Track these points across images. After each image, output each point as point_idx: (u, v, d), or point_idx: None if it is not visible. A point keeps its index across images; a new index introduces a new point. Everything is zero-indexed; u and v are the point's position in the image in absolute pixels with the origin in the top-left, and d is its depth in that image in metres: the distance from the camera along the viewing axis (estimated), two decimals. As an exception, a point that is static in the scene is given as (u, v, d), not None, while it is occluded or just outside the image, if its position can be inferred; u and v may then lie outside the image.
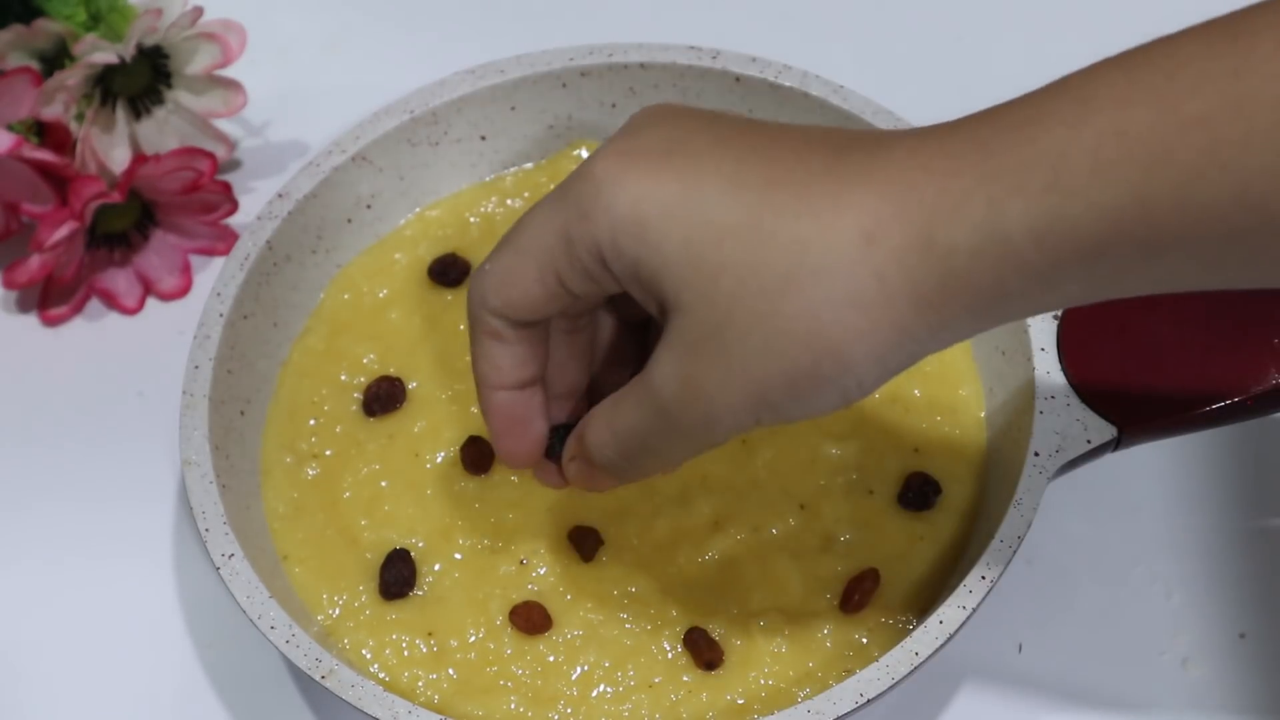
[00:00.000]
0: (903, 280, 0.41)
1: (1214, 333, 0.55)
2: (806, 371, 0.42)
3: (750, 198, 0.42)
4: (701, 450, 0.46)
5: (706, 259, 0.42)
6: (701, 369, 0.43)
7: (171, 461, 0.63)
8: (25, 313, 0.68)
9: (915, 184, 0.41)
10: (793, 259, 0.41)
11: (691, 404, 0.44)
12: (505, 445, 0.50)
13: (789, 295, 0.41)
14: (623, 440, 0.47)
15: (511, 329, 0.48)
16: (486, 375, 0.49)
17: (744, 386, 0.43)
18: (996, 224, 0.40)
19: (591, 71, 0.64)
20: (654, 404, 0.45)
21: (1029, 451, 0.54)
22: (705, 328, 0.43)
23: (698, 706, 0.53)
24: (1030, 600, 0.59)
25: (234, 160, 0.71)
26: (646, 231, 0.43)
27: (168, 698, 0.59)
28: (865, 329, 0.41)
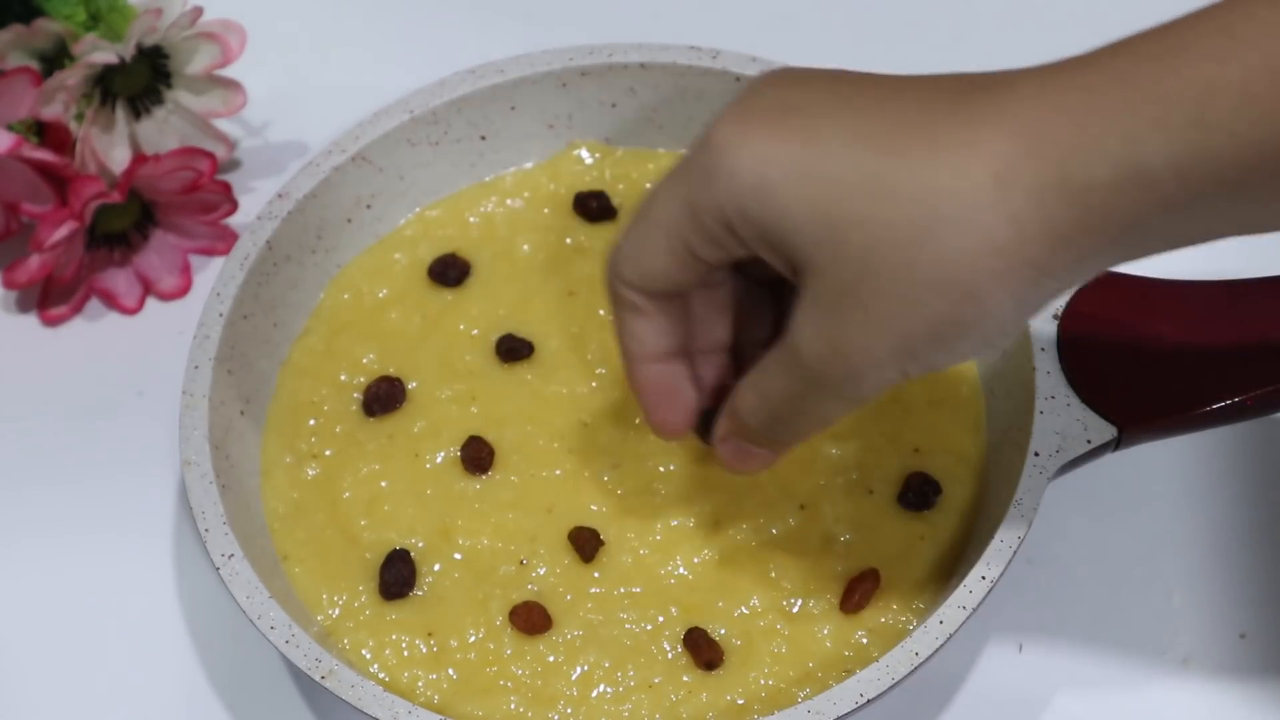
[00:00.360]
0: (1038, 220, 0.40)
1: (1214, 333, 0.55)
2: (948, 319, 0.42)
3: (874, 150, 0.42)
4: (852, 407, 0.46)
5: (835, 216, 0.42)
6: (843, 327, 0.43)
7: (171, 461, 0.63)
8: (25, 313, 0.68)
9: (1047, 121, 0.40)
10: (924, 209, 0.41)
11: (837, 362, 0.44)
12: (658, 417, 0.51)
13: (923, 246, 0.41)
14: (774, 405, 0.47)
15: (649, 301, 0.48)
16: (631, 349, 0.49)
17: (887, 340, 0.43)
18: (1136, 158, 0.39)
19: (591, 71, 0.64)
20: (800, 366, 0.45)
21: (1029, 451, 0.54)
22: (841, 286, 0.42)
23: (698, 706, 0.53)
24: (1030, 600, 0.59)
25: (234, 160, 0.71)
26: (771, 194, 0.43)
27: (168, 698, 0.59)
28: (1002, 271, 0.41)
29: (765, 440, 0.49)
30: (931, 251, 0.41)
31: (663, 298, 0.48)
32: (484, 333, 0.61)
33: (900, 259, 0.41)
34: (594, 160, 0.65)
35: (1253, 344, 0.55)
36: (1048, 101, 0.40)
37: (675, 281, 0.47)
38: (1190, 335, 0.55)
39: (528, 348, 0.61)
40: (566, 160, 0.65)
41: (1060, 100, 0.40)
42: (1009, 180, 0.40)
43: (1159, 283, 0.57)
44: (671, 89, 0.64)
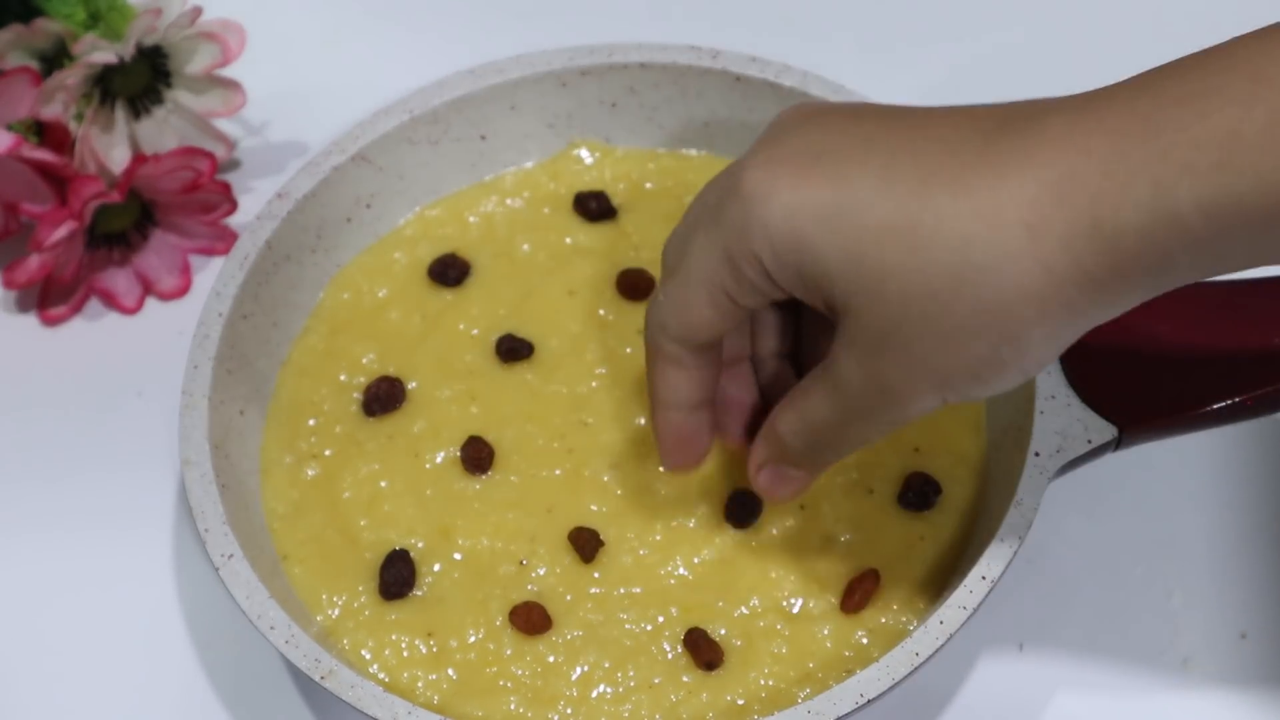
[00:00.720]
0: (1070, 266, 0.41)
1: (1214, 333, 0.55)
2: (986, 360, 0.43)
3: (904, 196, 0.43)
4: (890, 430, 0.48)
5: (869, 264, 0.43)
6: (884, 365, 0.45)
7: (171, 461, 0.63)
8: (25, 313, 0.68)
9: (1076, 168, 0.41)
10: (957, 257, 0.42)
11: (879, 396, 0.46)
12: (674, 460, 0.53)
13: (959, 294, 0.42)
14: (816, 430, 0.49)
15: (690, 354, 0.50)
16: (664, 397, 0.52)
17: (927, 377, 0.44)
18: (1164, 202, 0.40)
19: (591, 71, 0.64)
20: (842, 398, 0.47)
21: (1029, 451, 0.54)
22: (880, 328, 0.44)
23: (698, 707, 0.53)
24: (1031, 600, 0.59)
25: (234, 160, 0.71)
26: (805, 243, 0.44)
27: (168, 698, 0.59)
28: (1037, 316, 0.42)
29: (805, 462, 0.50)
30: (967, 300, 0.42)
31: (702, 349, 0.50)
32: (484, 333, 0.61)
33: (937, 307, 0.43)
34: (594, 160, 0.65)
35: (1253, 344, 0.55)
36: (1075, 145, 0.41)
37: (718, 331, 0.49)
38: (1190, 335, 0.55)
39: (528, 348, 0.61)
40: (566, 160, 0.65)
41: (1087, 144, 0.41)
42: (1040, 230, 0.41)
43: (1159, 283, 0.56)
44: (671, 89, 0.64)
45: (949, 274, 0.42)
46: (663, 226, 0.63)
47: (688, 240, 0.48)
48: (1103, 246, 0.41)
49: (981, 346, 0.43)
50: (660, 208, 0.64)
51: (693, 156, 0.65)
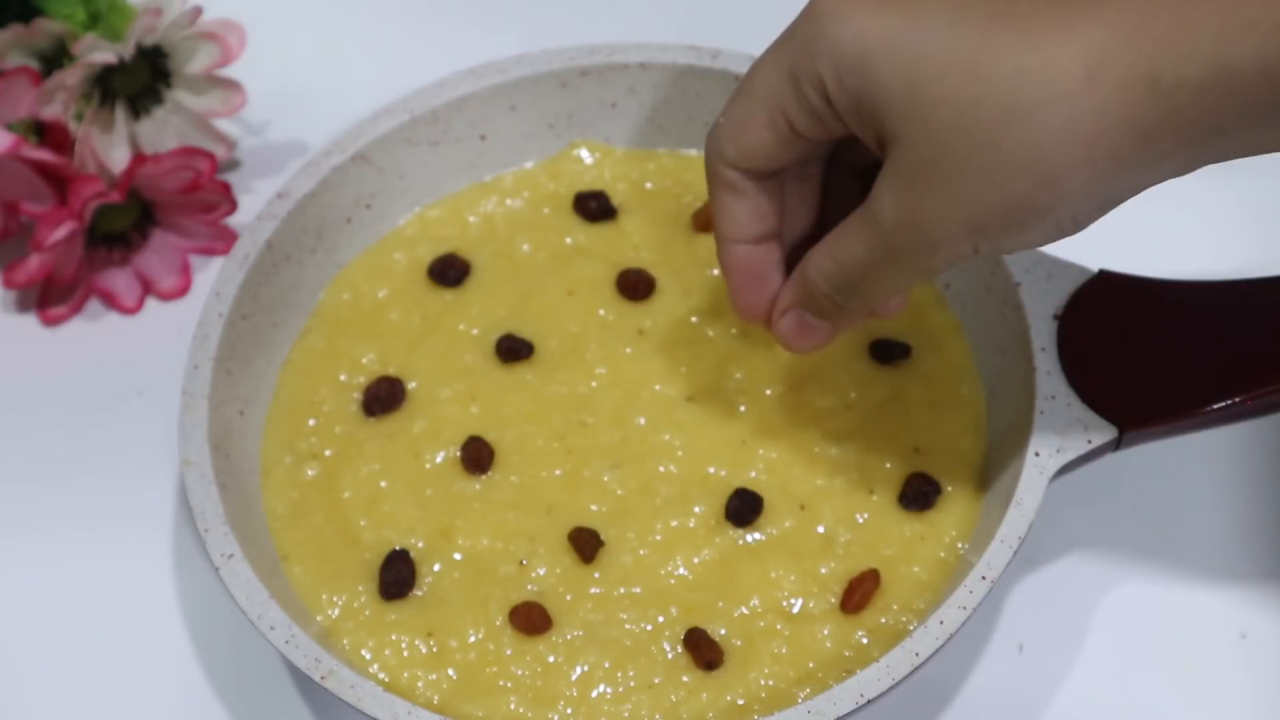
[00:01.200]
0: (1123, 114, 0.41)
1: (1214, 333, 0.55)
2: (1023, 201, 0.43)
3: (971, 31, 0.43)
4: (920, 279, 0.48)
5: (926, 91, 0.44)
6: (921, 198, 0.45)
7: (171, 461, 0.63)
8: (25, 313, 0.68)
9: (1143, 17, 0.41)
10: (1013, 91, 0.42)
11: (912, 232, 0.46)
12: (742, 300, 0.53)
13: (1008, 127, 0.42)
14: (845, 269, 0.49)
15: (748, 181, 0.50)
16: (726, 230, 0.51)
17: (962, 215, 0.44)
18: (1224, 59, 0.40)
19: (591, 71, 0.64)
20: (876, 233, 0.47)
21: (1029, 451, 0.54)
22: (924, 158, 0.44)
23: (698, 707, 0.53)
24: (1030, 600, 0.59)
25: (234, 160, 0.71)
26: (868, 65, 0.44)
27: (168, 698, 0.59)
28: (1083, 160, 0.42)
29: (831, 308, 0.50)
30: (1016, 133, 0.42)
31: (760, 178, 0.50)
32: (484, 333, 0.61)
33: (983, 138, 0.43)
34: (594, 160, 0.65)
35: (1253, 344, 0.55)
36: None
37: (774, 158, 0.49)
38: (1190, 335, 0.55)
39: (528, 348, 0.61)
40: (566, 160, 0.65)
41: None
42: (1099, 73, 0.41)
43: (1159, 283, 0.57)
44: (671, 89, 0.64)
45: (1001, 107, 0.42)
46: (663, 226, 0.63)
47: (757, 63, 0.49)
48: (1159, 97, 0.41)
49: (1021, 186, 0.43)
50: (660, 208, 0.64)
51: (693, 156, 0.65)
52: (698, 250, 0.63)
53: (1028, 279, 0.57)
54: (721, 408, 0.59)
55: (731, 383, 0.59)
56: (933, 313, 0.61)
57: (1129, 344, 0.55)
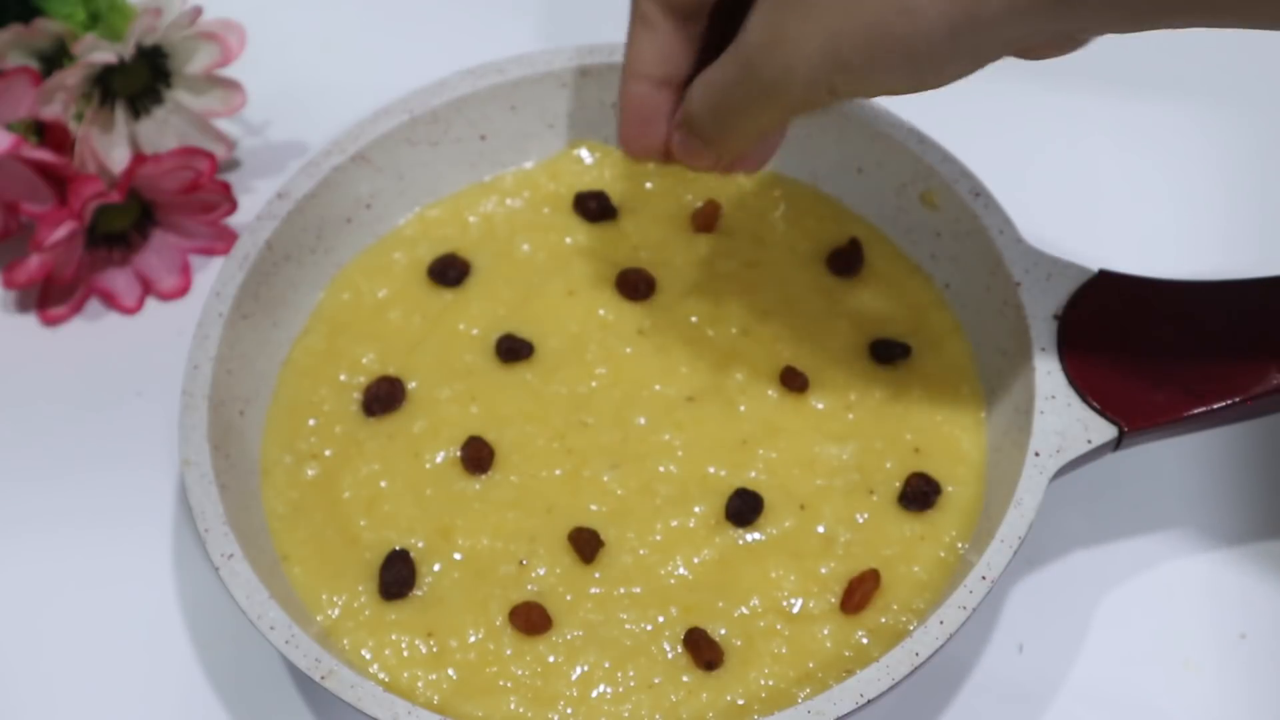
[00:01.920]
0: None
1: (1214, 333, 0.55)
2: (879, 25, 0.44)
3: None
4: (783, 114, 0.49)
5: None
6: (784, 17, 0.46)
7: (171, 461, 0.63)
8: (25, 313, 0.68)
9: None
10: None
11: (773, 51, 0.46)
12: (628, 133, 0.53)
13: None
14: (715, 93, 0.50)
15: (663, 17, 0.51)
16: (630, 63, 0.52)
17: (821, 38, 0.45)
18: None
19: (591, 71, 0.64)
20: (741, 54, 0.48)
21: (1029, 451, 0.54)
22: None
23: (698, 706, 0.53)
24: (1030, 600, 0.59)
25: (234, 160, 0.71)
26: None
27: (168, 698, 0.59)
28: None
29: (705, 133, 0.51)
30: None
31: (676, 15, 0.51)
32: (484, 333, 0.61)
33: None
34: (594, 160, 0.65)
35: (1253, 344, 0.55)
36: None
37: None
38: (1190, 335, 0.55)
39: (528, 348, 0.61)
40: (566, 160, 0.65)
41: None
42: None
43: (1159, 283, 0.57)
44: (671, 89, 0.64)
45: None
46: (663, 226, 0.63)
47: None
48: None
49: (877, 9, 0.43)
50: (660, 208, 0.64)
51: (693, 156, 0.65)
52: (698, 250, 0.63)
53: (1028, 279, 0.57)
54: (721, 408, 0.59)
55: (731, 383, 0.59)
56: (933, 313, 0.61)
57: (1129, 344, 0.55)
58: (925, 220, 0.61)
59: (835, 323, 0.61)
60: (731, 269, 0.62)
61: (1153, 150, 0.70)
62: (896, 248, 0.62)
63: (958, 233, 0.60)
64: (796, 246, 0.62)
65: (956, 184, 0.60)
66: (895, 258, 0.62)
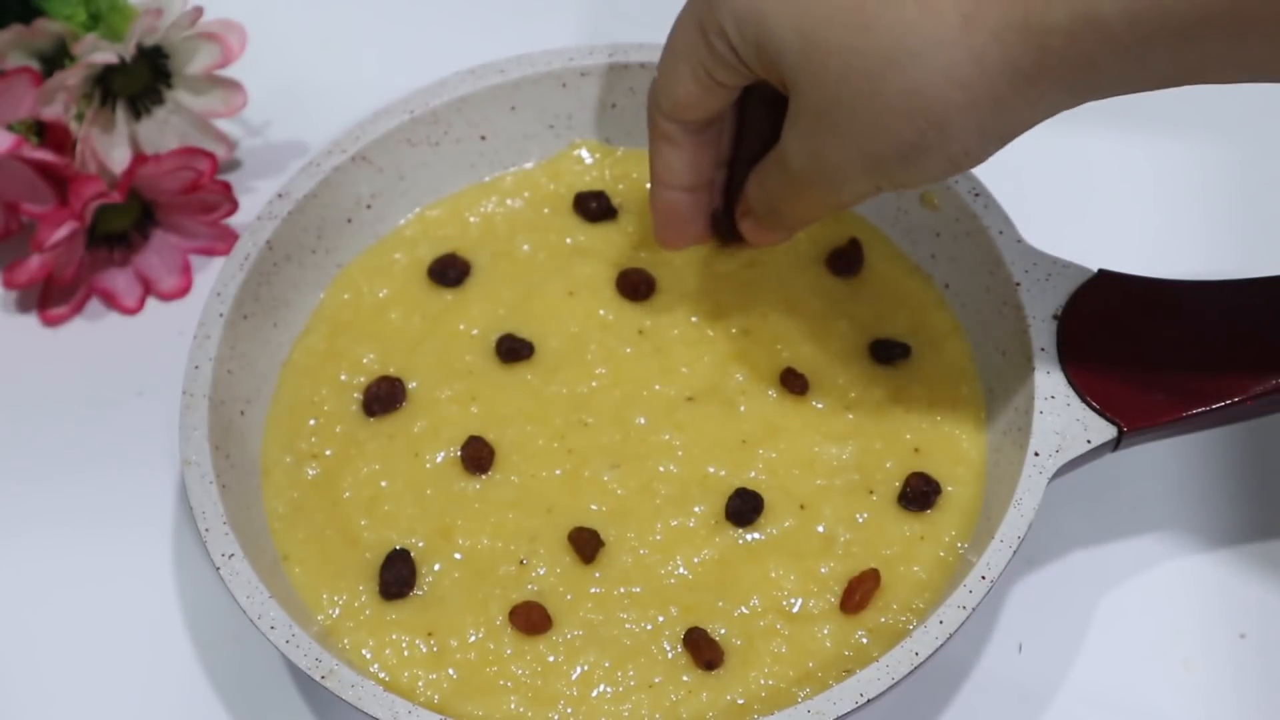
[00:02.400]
0: (999, 58, 0.43)
1: (1214, 333, 0.55)
2: (913, 143, 0.46)
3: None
4: (838, 206, 0.52)
5: (817, 41, 0.46)
6: (821, 142, 0.48)
7: (171, 461, 0.63)
8: (25, 313, 0.68)
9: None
10: (894, 41, 0.44)
11: (817, 171, 0.49)
12: (664, 236, 0.57)
13: (890, 76, 0.44)
14: (771, 197, 0.53)
15: (683, 133, 0.53)
16: (659, 175, 0.55)
17: (859, 158, 0.47)
18: (1092, 6, 0.42)
19: (591, 71, 0.64)
20: (788, 171, 0.51)
21: (1029, 451, 0.54)
22: (820, 106, 0.47)
23: (698, 706, 0.53)
24: (1030, 600, 0.59)
25: (234, 160, 0.71)
26: (763, 16, 0.47)
27: (168, 698, 0.59)
28: (964, 103, 0.44)
29: (771, 222, 0.55)
30: (898, 81, 0.44)
31: (695, 129, 0.53)
32: (484, 333, 0.61)
33: (869, 87, 0.45)
34: (594, 160, 0.65)
35: (1253, 344, 0.55)
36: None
37: (705, 108, 0.52)
38: (1190, 335, 0.55)
39: (528, 348, 0.61)
40: (566, 160, 0.65)
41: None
42: (975, 19, 0.43)
43: (1159, 283, 0.57)
44: (671, 89, 0.64)
45: (884, 56, 0.44)
46: (663, 226, 0.63)
47: (677, 18, 0.51)
48: (1032, 42, 0.43)
49: (909, 129, 0.45)
50: (660, 208, 0.64)
51: (693, 156, 0.65)
52: (698, 250, 0.63)
53: (1028, 279, 0.57)
54: (721, 408, 0.59)
55: (731, 383, 0.59)
56: (933, 313, 0.61)
57: (1129, 344, 0.55)
58: (925, 220, 0.61)
59: (835, 323, 0.61)
60: (731, 269, 0.62)
61: (1153, 150, 0.70)
62: (896, 248, 0.63)
63: (958, 233, 0.60)
64: (796, 247, 0.62)
65: (956, 184, 0.60)
66: (895, 258, 0.62)
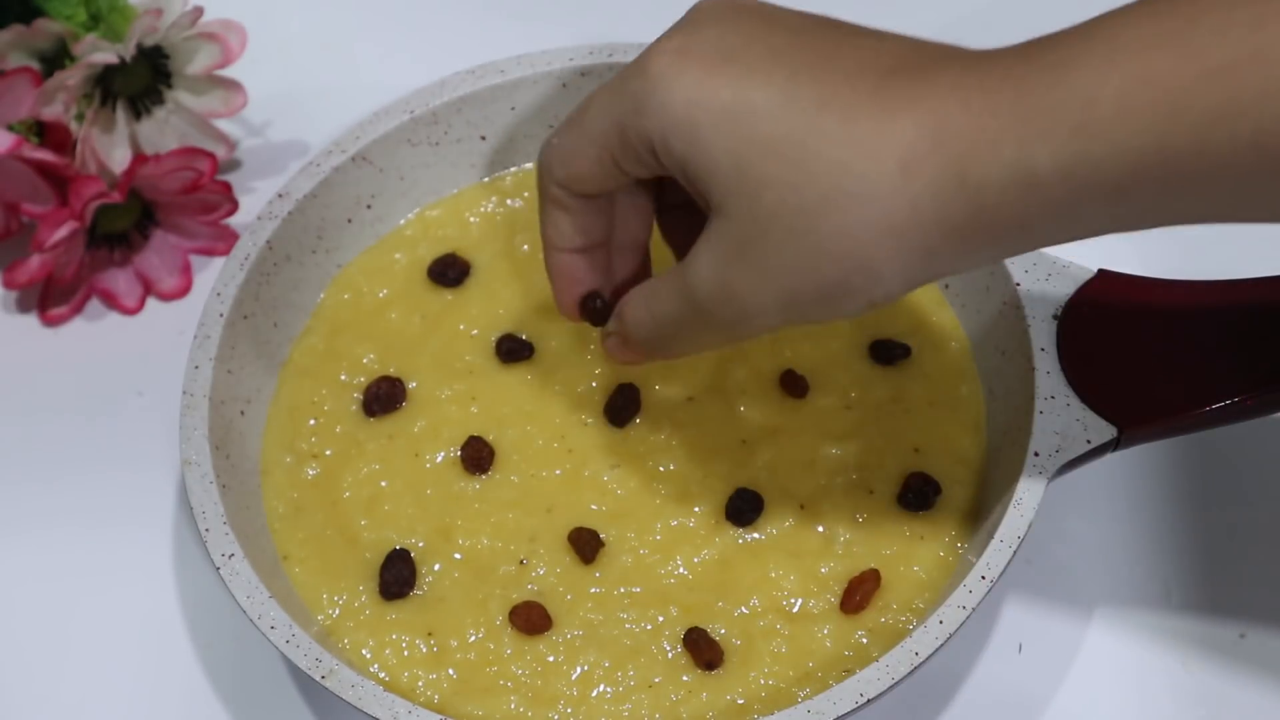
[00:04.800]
0: (935, 210, 0.43)
1: (1214, 333, 0.55)
2: (837, 284, 0.45)
3: (798, 117, 0.44)
4: (730, 342, 0.50)
5: (751, 172, 0.45)
6: (737, 273, 0.46)
7: (171, 461, 0.63)
8: (25, 313, 0.68)
9: (953, 120, 0.42)
10: (833, 181, 0.43)
11: (725, 303, 0.47)
12: (563, 300, 0.55)
13: (826, 215, 0.44)
14: (659, 324, 0.51)
15: (574, 199, 0.52)
16: (549, 238, 0.53)
17: (776, 293, 0.46)
18: (1025, 163, 0.41)
19: (591, 71, 0.64)
20: (690, 299, 0.48)
21: (1029, 451, 0.54)
22: (745, 236, 0.45)
23: (698, 706, 0.53)
24: (1030, 600, 0.59)
25: (234, 160, 0.71)
26: (696, 136, 0.45)
27: (168, 698, 0.59)
28: (895, 250, 0.44)
29: (646, 349, 0.52)
30: (832, 221, 0.44)
31: (586, 198, 0.52)
32: (484, 333, 0.61)
33: (803, 224, 0.44)
34: (594, 160, 0.65)
35: (1253, 344, 0.55)
36: (958, 99, 0.42)
37: (600, 186, 0.51)
38: (1190, 335, 0.55)
39: (528, 348, 0.61)
40: (566, 160, 0.65)
41: (967, 99, 0.42)
42: (913, 170, 0.43)
43: (1159, 283, 0.57)
44: (671, 89, 0.64)
45: (821, 194, 0.44)
46: (663, 226, 0.63)
47: (592, 98, 0.50)
48: (967, 197, 0.42)
49: (836, 270, 0.44)
50: (660, 208, 0.64)
51: (693, 156, 0.65)
52: (698, 250, 0.63)
53: (1028, 279, 0.57)
54: (721, 408, 0.59)
55: (731, 383, 0.59)
56: (933, 313, 0.61)
57: (1129, 344, 0.55)
58: (925, 220, 0.61)
59: (835, 323, 0.61)
60: (731, 269, 0.62)
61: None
62: (896, 248, 0.62)
63: (958, 233, 0.60)
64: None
65: (956, 184, 0.60)
66: (895, 258, 0.62)
